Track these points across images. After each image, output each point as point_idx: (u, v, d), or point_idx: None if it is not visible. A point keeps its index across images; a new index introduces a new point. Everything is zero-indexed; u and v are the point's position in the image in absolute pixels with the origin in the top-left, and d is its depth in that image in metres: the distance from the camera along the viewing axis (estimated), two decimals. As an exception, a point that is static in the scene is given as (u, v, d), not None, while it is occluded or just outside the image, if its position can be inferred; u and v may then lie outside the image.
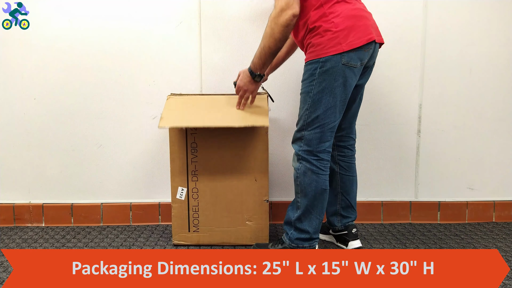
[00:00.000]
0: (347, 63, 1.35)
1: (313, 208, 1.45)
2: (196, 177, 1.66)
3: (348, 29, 1.34)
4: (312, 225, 1.46)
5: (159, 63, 1.90)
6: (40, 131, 1.93)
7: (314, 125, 1.41)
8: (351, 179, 1.65)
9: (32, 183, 1.96)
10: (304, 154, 1.43)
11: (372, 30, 1.39)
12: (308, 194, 1.44)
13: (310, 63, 1.40)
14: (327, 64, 1.35)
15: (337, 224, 1.67)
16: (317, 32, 1.37)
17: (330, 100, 1.38)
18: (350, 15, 1.36)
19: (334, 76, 1.36)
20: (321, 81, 1.37)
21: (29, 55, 1.88)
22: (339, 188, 1.65)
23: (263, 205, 1.67)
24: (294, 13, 1.33)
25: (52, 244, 1.73)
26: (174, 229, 1.69)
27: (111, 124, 1.93)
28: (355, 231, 1.64)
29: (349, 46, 1.34)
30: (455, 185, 2.01)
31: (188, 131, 1.64)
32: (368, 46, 1.38)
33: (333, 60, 1.34)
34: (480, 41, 1.93)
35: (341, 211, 1.66)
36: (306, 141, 1.43)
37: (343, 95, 1.40)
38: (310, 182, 1.43)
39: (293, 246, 1.48)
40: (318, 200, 1.45)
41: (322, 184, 1.44)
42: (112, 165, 1.96)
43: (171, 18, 1.88)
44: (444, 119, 1.97)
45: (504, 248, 1.67)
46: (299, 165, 1.45)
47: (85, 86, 1.91)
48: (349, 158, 1.65)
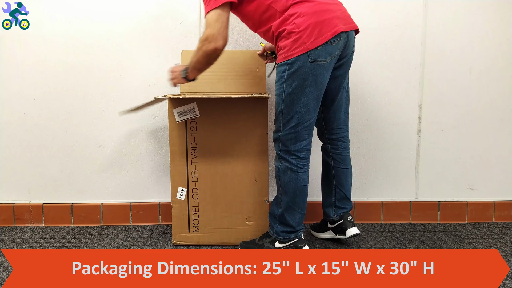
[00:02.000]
0: (315, 61, 1.37)
1: (294, 204, 1.49)
2: (196, 177, 1.66)
3: (311, 27, 1.35)
4: (294, 219, 1.51)
5: (159, 63, 1.90)
6: (40, 131, 1.93)
7: (288, 126, 1.44)
8: (346, 171, 1.67)
9: (32, 183, 1.96)
10: (283, 154, 1.47)
11: (337, 22, 1.38)
12: (288, 191, 1.48)
13: (279, 65, 1.43)
14: (295, 65, 1.37)
15: (333, 215, 1.69)
16: (282, 35, 1.40)
17: (301, 100, 1.40)
18: (311, 12, 1.36)
19: (303, 76, 1.38)
20: (290, 82, 1.39)
21: (29, 55, 1.88)
22: (334, 180, 1.67)
23: (263, 205, 1.67)
24: (217, 47, 1.38)
25: (52, 244, 1.73)
26: (174, 229, 1.69)
27: (111, 124, 1.93)
28: (350, 219, 1.66)
29: (314, 44, 1.35)
30: (455, 185, 2.01)
31: (188, 132, 1.64)
32: (336, 38, 1.38)
33: (300, 60, 1.36)
34: (480, 41, 1.93)
35: (336, 203, 1.68)
36: (283, 141, 1.46)
37: (315, 93, 1.42)
38: (289, 180, 1.47)
39: (280, 239, 1.52)
40: (299, 197, 1.49)
41: (302, 181, 1.48)
42: (112, 165, 1.96)
43: (171, 18, 1.88)
44: (444, 119, 1.97)
45: (504, 248, 1.67)
46: (279, 163, 1.50)
47: (85, 86, 1.91)
48: (343, 150, 1.66)
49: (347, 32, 1.42)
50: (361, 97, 1.94)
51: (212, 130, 1.63)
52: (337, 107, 1.60)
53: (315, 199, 1.87)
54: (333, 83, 1.51)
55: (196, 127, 1.63)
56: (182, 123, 1.63)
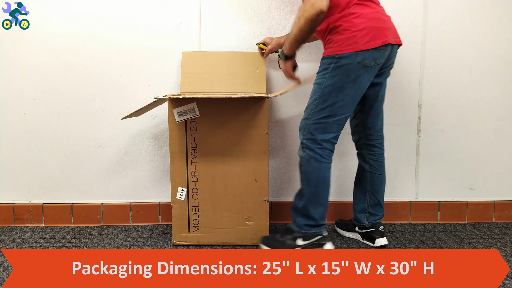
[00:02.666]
0: (362, 62, 1.42)
1: (317, 195, 1.49)
2: (196, 177, 1.66)
3: (367, 30, 1.41)
4: (317, 212, 1.51)
5: (159, 63, 1.90)
6: (40, 131, 1.93)
7: (320, 115, 1.46)
8: (381, 177, 1.68)
9: (32, 183, 1.96)
10: (308, 143, 1.49)
11: (388, 33, 1.46)
12: (311, 181, 1.49)
13: (326, 58, 1.47)
14: (342, 61, 1.42)
15: (364, 221, 1.69)
16: (337, 30, 1.44)
17: (339, 94, 1.44)
18: (370, 17, 1.43)
19: (346, 73, 1.42)
20: (333, 75, 1.44)
21: (29, 55, 1.88)
22: (369, 186, 1.68)
23: (263, 205, 1.67)
24: (322, 9, 1.36)
25: (52, 244, 1.73)
26: (174, 229, 1.69)
27: (111, 124, 1.93)
28: (382, 229, 1.67)
29: (365, 46, 1.41)
30: (455, 185, 2.01)
31: (188, 132, 1.64)
32: (384, 47, 1.45)
33: (348, 57, 1.41)
34: (480, 41, 1.93)
35: (369, 209, 1.69)
36: (311, 129, 1.48)
37: (353, 91, 1.46)
38: (313, 170, 1.48)
39: (302, 233, 1.52)
40: (322, 187, 1.50)
41: (325, 172, 1.49)
42: (112, 165, 1.96)
43: (171, 18, 1.88)
44: (444, 119, 1.97)
45: (504, 248, 1.67)
46: (303, 153, 1.51)
47: (85, 86, 1.91)
48: (379, 156, 1.68)
49: (393, 45, 1.50)
50: (361, 97, 1.94)
51: (212, 130, 1.63)
52: (375, 114, 1.63)
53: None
54: (372, 89, 1.56)
55: (196, 127, 1.63)
56: (182, 123, 1.63)
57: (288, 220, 1.99)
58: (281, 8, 1.88)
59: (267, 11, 1.89)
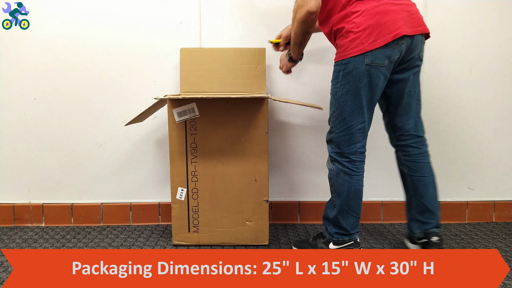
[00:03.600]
0: (372, 63, 1.32)
1: (348, 207, 1.45)
2: (196, 177, 1.66)
3: (371, 28, 1.30)
4: (348, 223, 1.47)
5: (159, 63, 1.90)
6: (40, 131, 1.93)
7: (342, 127, 1.41)
8: (423, 180, 1.50)
9: (32, 183, 1.96)
10: (336, 156, 1.44)
11: (401, 24, 1.31)
12: (341, 194, 1.45)
13: (335, 64, 1.41)
14: (350, 66, 1.34)
15: (416, 231, 1.53)
16: (341, 33, 1.36)
17: (355, 101, 1.37)
18: (374, 12, 1.31)
19: (358, 77, 1.34)
20: (345, 83, 1.37)
21: (29, 55, 1.88)
22: (412, 191, 1.53)
23: (263, 205, 1.67)
24: (309, 10, 1.31)
25: (52, 244, 1.73)
26: (174, 230, 1.69)
27: (111, 124, 1.93)
28: (436, 240, 1.47)
29: (371, 46, 1.30)
30: (455, 185, 2.01)
31: (187, 132, 1.63)
32: (397, 42, 1.31)
33: (355, 61, 1.32)
34: (480, 41, 1.93)
35: (417, 216, 1.52)
36: (336, 143, 1.43)
37: (369, 95, 1.37)
38: (343, 183, 1.44)
39: (334, 240, 1.50)
40: (353, 200, 1.45)
41: (356, 184, 1.44)
42: (112, 165, 1.96)
43: (171, 18, 1.88)
44: (444, 119, 1.97)
45: (504, 248, 1.67)
46: (332, 166, 1.47)
47: (85, 86, 1.91)
48: (416, 157, 1.51)
49: (412, 36, 1.34)
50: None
51: (211, 130, 1.63)
52: (403, 112, 1.49)
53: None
54: (395, 87, 1.44)
55: (196, 127, 1.63)
56: (182, 123, 1.63)
57: (288, 221, 2.00)
58: (281, 7, 1.88)
59: (267, 11, 1.89)
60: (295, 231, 1.88)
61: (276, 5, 1.88)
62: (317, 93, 1.93)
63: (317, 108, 1.70)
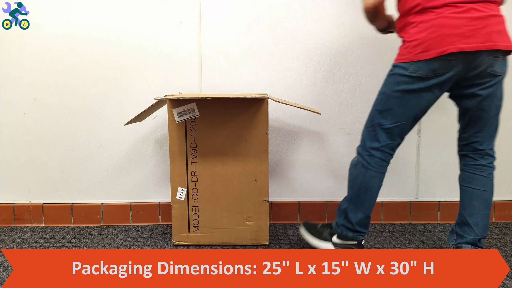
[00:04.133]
0: (415, 72, 1.35)
1: (358, 200, 1.47)
2: (196, 177, 1.66)
3: (419, 41, 1.33)
4: (356, 216, 1.47)
5: (159, 63, 1.90)
6: (40, 131, 1.93)
7: (371, 123, 1.46)
8: (471, 192, 1.46)
9: (32, 183, 1.96)
10: (360, 149, 1.49)
11: (455, 40, 1.27)
12: (354, 186, 1.48)
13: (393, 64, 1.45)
14: (396, 70, 1.40)
15: (450, 242, 1.49)
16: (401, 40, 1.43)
17: (388, 102, 1.42)
18: (428, 25, 1.31)
19: (396, 81, 1.40)
20: (386, 83, 1.43)
21: (29, 55, 1.88)
22: (460, 201, 1.51)
23: (263, 205, 1.67)
24: (365, 8, 1.42)
25: (52, 244, 1.73)
26: (174, 230, 1.69)
27: (111, 124, 1.93)
28: None
29: (416, 57, 1.34)
30: (455, 185, 2.00)
31: (188, 132, 1.63)
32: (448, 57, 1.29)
33: (401, 67, 1.38)
34: (480, 41, 1.92)
35: (455, 228, 1.49)
36: (363, 135, 1.49)
37: (404, 101, 1.39)
38: (358, 175, 1.47)
39: (338, 232, 1.51)
40: (363, 194, 1.46)
41: (370, 180, 1.45)
42: (112, 165, 1.96)
43: (171, 18, 1.88)
44: (444, 119, 1.97)
45: (504, 248, 1.67)
46: (354, 158, 1.52)
47: (85, 86, 1.91)
48: (471, 167, 1.50)
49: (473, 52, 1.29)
50: (362, 97, 1.94)
51: (211, 130, 1.63)
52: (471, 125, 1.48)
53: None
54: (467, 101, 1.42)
55: (196, 127, 1.63)
56: (182, 123, 1.63)
57: (288, 221, 2.00)
58: (281, 3, 1.88)
59: (267, 10, 1.89)
60: (295, 231, 1.88)
61: (277, 5, 1.89)
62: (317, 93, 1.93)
63: (316, 113, 1.70)
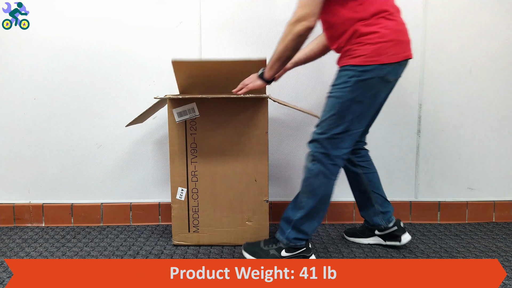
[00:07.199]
0: (384, 76, 1.37)
1: (317, 211, 1.45)
2: (196, 177, 1.66)
3: (393, 42, 1.35)
4: (312, 227, 1.47)
5: (159, 63, 1.90)
6: (40, 131, 1.93)
7: (337, 131, 1.40)
8: (376, 174, 1.66)
9: (32, 183, 1.96)
10: (321, 157, 1.42)
11: (409, 47, 1.43)
12: (315, 196, 1.44)
13: (346, 68, 1.38)
14: (366, 75, 1.35)
15: (382, 222, 1.65)
16: (361, 41, 1.35)
17: (358, 109, 1.39)
18: (396, 29, 1.37)
19: (368, 88, 1.37)
20: (354, 89, 1.37)
21: (29, 55, 1.88)
22: (369, 187, 1.65)
23: (263, 205, 1.67)
24: (309, 26, 1.33)
25: (52, 244, 1.73)
26: (174, 229, 1.69)
27: (111, 124, 1.93)
28: (403, 225, 1.65)
29: (390, 59, 1.35)
30: (455, 185, 2.01)
31: (187, 132, 1.63)
32: (405, 62, 1.42)
33: (372, 71, 1.35)
34: (480, 41, 1.93)
35: (380, 209, 1.65)
36: (325, 144, 1.42)
37: (371, 107, 1.43)
38: (320, 185, 1.43)
39: (290, 246, 1.48)
40: (323, 204, 1.46)
41: (330, 189, 1.45)
42: (112, 165, 1.96)
43: (171, 18, 1.88)
44: (444, 119, 1.97)
45: (504, 248, 1.67)
46: (312, 166, 1.44)
47: (85, 86, 1.91)
48: (365, 156, 1.66)
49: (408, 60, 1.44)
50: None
51: (211, 130, 1.63)
52: (370, 124, 1.62)
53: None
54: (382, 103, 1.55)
55: (196, 127, 1.63)
56: (182, 123, 1.63)
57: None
58: (281, 3, 1.88)
59: (267, 10, 1.89)
60: (295, 231, 1.87)
61: (277, 1, 1.88)
62: (317, 94, 1.93)
63: (315, 116, 1.69)
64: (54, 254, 1.62)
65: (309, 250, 1.51)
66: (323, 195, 1.44)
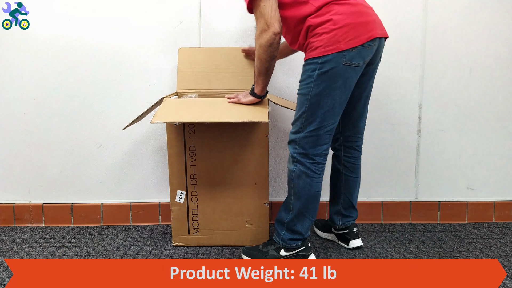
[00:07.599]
0: (348, 63, 1.31)
1: (306, 211, 1.45)
2: (195, 180, 1.65)
3: (348, 27, 1.30)
4: (304, 226, 1.47)
5: (159, 63, 1.90)
6: (40, 131, 1.93)
7: (311, 128, 1.38)
8: (355, 180, 1.65)
9: (32, 183, 1.96)
10: (299, 157, 1.41)
11: (374, 26, 1.35)
12: (302, 197, 1.43)
13: (308, 63, 1.36)
14: (327, 65, 1.31)
15: (338, 223, 1.69)
16: (316, 32, 1.33)
17: (328, 102, 1.35)
18: (350, 12, 1.31)
19: (333, 78, 1.32)
20: (319, 83, 1.33)
21: (29, 55, 1.88)
22: (343, 189, 1.65)
23: (263, 208, 1.67)
24: (275, 31, 1.32)
25: (52, 244, 1.73)
26: (173, 231, 1.69)
27: (111, 124, 1.93)
28: (356, 230, 1.66)
29: (348, 45, 1.29)
30: (455, 185, 2.01)
31: (186, 135, 1.62)
32: (371, 43, 1.34)
33: (333, 60, 1.30)
34: (480, 41, 1.92)
35: (342, 211, 1.67)
36: (302, 143, 1.40)
37: (343, 96, 1.37)
38: (304, 186, 1.41)
39: (287, 246, 1.48)
40: (312, 204, 1.44)
41: (316, 187, 1.43)
42: (112, 165, 1.96)
43: (171, 18, 1.88)
44: (444, 119, 1.97)
45: (504, 248, 1.67)
46: (293, 167, 1.43)
47: (85, 86, 1.91)
48: (355, 159, 1.64)
49: (380, 38, 1.40)
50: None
51: (210, 132, 1.62)
52: (357, 115, 1.56)
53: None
54: (356, 89, 1.46)
55: (194, 130, 1.63)
56: (180, 126, 1.62)
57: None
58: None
59: (267, 11, 1.89)
60: (295, 231, 1.88)
61: (276, 5, 1.88)
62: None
63: None
64: (54, 254, 1.62)
65: (308, 249, 1.51)
66: (310, 195, 1.42)
